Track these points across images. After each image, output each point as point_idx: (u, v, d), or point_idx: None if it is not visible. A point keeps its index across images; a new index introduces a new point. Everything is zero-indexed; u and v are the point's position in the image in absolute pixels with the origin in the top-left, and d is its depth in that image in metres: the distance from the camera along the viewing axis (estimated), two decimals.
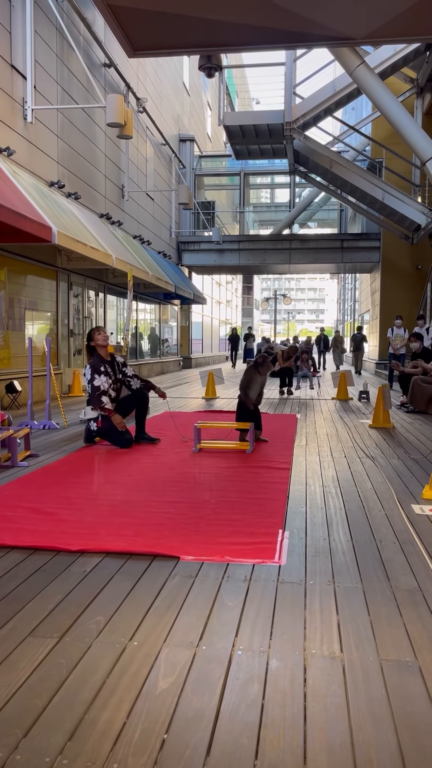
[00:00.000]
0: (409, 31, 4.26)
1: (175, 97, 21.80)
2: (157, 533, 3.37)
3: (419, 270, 20.02)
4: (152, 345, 19.76)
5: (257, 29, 4.25)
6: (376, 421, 7.81)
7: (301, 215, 23.41)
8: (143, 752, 1.60)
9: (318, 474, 5.01)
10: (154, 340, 20.04)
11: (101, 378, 5.93)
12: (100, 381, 5.91)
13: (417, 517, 3.80)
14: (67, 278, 12.42)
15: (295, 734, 1.68)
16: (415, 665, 2.03)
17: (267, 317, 69.32)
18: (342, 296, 41.17)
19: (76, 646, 2.15)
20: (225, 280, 34.95)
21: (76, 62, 12.15)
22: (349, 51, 12.23)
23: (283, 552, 3.11)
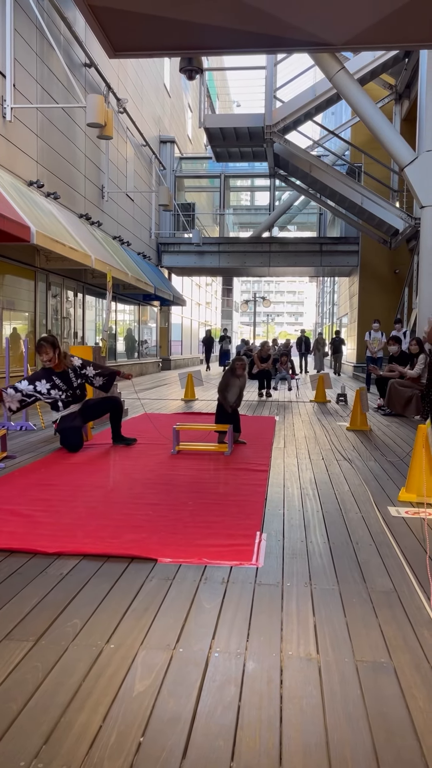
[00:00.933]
0: (388, 39, 4.31)
1: (156, 99, 21.78)
2: (135, 535, 3.36)
3: (397, 274, 20.23)
4: (131, 346, 19.69)
5: (238, 33, 4.27)
6: (354, 423, 7.87)
7: (281, 218, 23.52)
8: (119, 755, 1.60)
9: (296, 476, 5.03)
10: (133, 341, 19.97)
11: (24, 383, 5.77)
12: (22, 385, 5.75)
13: (393, 519, 3.83)
14: (46, 278, 12.33)
15: (271, 735, 1.69)
16: (390, 666, 2.05)
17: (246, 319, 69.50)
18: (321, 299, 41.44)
19: (52, 649, 2.14)
20: (205, 282, 34.96)
21: (57, 62, 12.09)
22: (329, 56, 12.34)
23: (260, 554, 3.13)
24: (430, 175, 12.10)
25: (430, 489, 4.27)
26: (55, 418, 6.00)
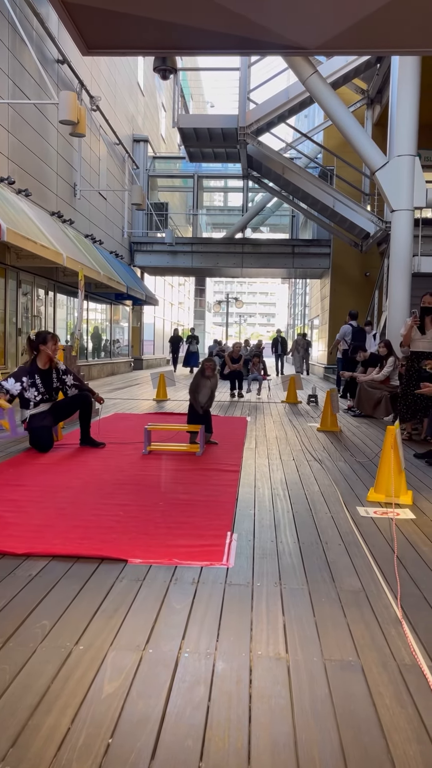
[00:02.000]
0: (360, 44, 4.36)
1: (130, 97, 21.68)
2: (105, 536, 3.34)
3: (368, 277, 20.46)
4: (103, 345, 19.57)
5: (212, 34, 4.28)
6: (324, 424, 7.94)
7: (254, 220, 23.63)
8: (87, 757, 1.59)
9: (267, 476, 5.06)
10: (104, 340, 19.85)
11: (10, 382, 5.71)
12: (8, 384, 5.69)
13: (362, 519, 3.88)
14: (16, 276, 12.18)
15: (240, 735, 1.69)
16: (357, 665, 2.08)
17: (219, 320, 69.60)
18: (293, 301, 41.69)
19: (20, 651, 2.12)
20: (177, 282, 34.93)
21: (29, 57, 11.95)
22: (303, 60, 12.43)
23: (231, 554, 3.14)
24: (400, 179, 12.28)
25: (397, 489, 4.33)
26: (25, 417, 5.90)
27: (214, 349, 21.92)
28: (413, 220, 12.56)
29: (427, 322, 6.94)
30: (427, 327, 6.94)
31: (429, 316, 6.95)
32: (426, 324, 6.94)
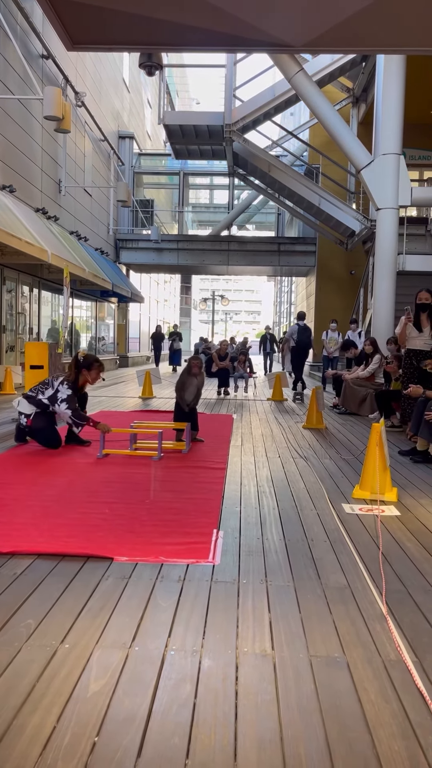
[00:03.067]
0: (345, 43, 4.37)
1: (115, 93, 21.58)
2: (90, 534, 3.33)
3: (353, 275, 20.55)
4: (88, 343, 19.48)
5: (198, 30, 4.27)
6: (310, 422, 7.97)
7: (240, 217, 23.62)
8: (73, 756, 1.58)
9: (253, 474, 5.07)
10: (86, 337, 19.76)
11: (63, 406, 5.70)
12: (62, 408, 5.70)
13: (347, 516, 3.90)
14: (1, 273, 12.09)
15: (226, 732, 1.70)
16: (343, 661, 2.09)
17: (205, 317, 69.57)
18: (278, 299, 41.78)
19: (5, 650, 2.11)
20: (163, 279, 34.85)
21: (13, 52, 11.85)
22: (289, 58, 12.44)
23: (217, 551, 3.14)
24: (385, 177, 12.33)
25: (383, 486, 4.35)
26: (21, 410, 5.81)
27: (200, 347, 21.90)
28: (398, 219, 12.63)
29: (423, 319, 6.95)
30: (423, 324, 6.94)
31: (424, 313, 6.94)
32: (422, 321, 6.94)
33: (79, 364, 5.89)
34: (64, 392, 5.74)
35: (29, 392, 5.88)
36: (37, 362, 7.47)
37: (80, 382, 5.93)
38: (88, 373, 5.92)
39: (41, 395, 5.79)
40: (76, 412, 5.71)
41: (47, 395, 5.76)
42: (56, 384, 5.80)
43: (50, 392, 5.76)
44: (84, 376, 5.91)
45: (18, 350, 13.23)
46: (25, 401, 5.85)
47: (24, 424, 5.83)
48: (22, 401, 5.86)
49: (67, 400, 5.70)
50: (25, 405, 5.84)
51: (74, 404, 5.73)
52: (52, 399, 5.73)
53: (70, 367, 5.90)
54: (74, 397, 5.77)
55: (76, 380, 5.88)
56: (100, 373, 6.00)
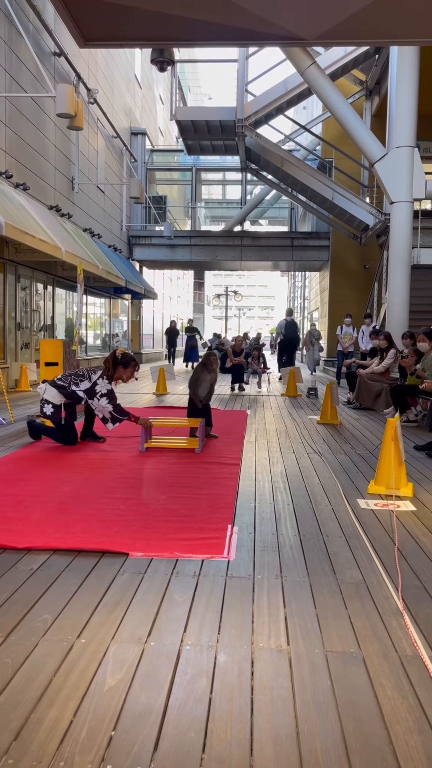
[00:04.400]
0: (359, 34, 4.34)
1: (127, 90, 21.58)
2: (106, 530, 3.35)
3: (367, 269, 20.43)
4: (102, 339, 19.55)
5: (210, 25, 4.25)
6: (324, 417, 7.94)
7: (253, 212, 23.55)
8: (90, 750, 1.59)
9: (267, 469, 5.06)
10: (104, 334, 19.82)
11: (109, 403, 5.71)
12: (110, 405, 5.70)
13: (362, 511, 3.88)
14: (15, 271, 12.16)
15: (242, 727, 1.70)
16: (359, 656, 2.09)
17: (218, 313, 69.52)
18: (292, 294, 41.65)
19: (22, 645, 2.12)
20: (176, 275, 34.86)
21: (25, 50, 11.89)
22: (301, 51, 12.36)
23: (231, 547, 3.14)
24: (399, 171, 12.24)
25: (398, 481, 4.33)
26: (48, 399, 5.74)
27: (214, 343, 21.86)
28: (412, 212, 12.52)
29: None
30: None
31: None
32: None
33: (116, 361, 5.88)
34: (104, 387, 5.71)
35: (58, 381, 5.77)
36: (52, 359, 7.51)
37: (114, 378, 5.93)
38: (124, 371, 5.90)
39: (75, 387, 5.72)
40: (118, 407, 5.72)
41: (83, 387, 5.71)
42: (94, 378, 5.73)
43: (86, 384, 5.71)
44: (119, 373, 5.91)
45: (33, 347, 13.31)
46: (54, 390, 5.73)
47: (50, 412, 5.74)
48: (50, 389, 5.75)
49: (108, 395, 5.70)
50: (54, 393, 5.72)
51: (116, 399, 5.74)
52: (90, 392, 5.70)
53: (107, 362, 5.88)
54: (114, 392, 5.78)
55: (112, 378, 5.88)
56: (134, 372, 6.00)
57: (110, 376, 5.81)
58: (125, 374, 5.92)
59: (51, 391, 5.74)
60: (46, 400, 5.76)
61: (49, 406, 5.73)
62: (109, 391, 5.70)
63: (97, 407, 5.71)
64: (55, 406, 5.73)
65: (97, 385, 5.69)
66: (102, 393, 5.67)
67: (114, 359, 5.86)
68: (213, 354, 6.38)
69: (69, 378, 5.77)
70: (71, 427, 5.81)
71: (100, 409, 5.70)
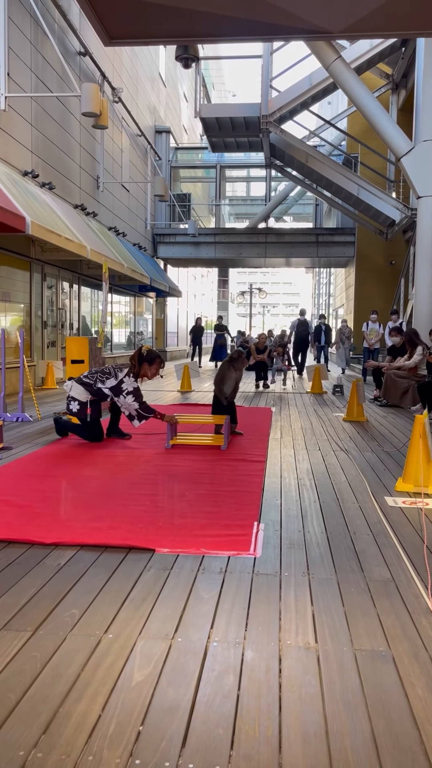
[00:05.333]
0: (386, 27, 4.28)
1: (151, 88, 21.63)
2: (132, 526, 3.36)
3: (393, 265, 20.22)
4: (127, 337, 19.65)
5: (235, 20, 4.23)
6: (350, 414, 7.87)
7: (277, 209, 23.46)
8: (118, 744, 1.60)
9: (293, 467, 5.04)
10: (129, 332, 19.92)
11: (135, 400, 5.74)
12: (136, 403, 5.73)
13: (390, 509, 3.84)
14: (41, 269, 12.27)
15: (270, 724, 1.69)
16: (388, 655, 2.06)
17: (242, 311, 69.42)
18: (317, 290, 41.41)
19: (51, 639, 2.14)
20: (200, 273, 34.89)
21: (51, 50, 11.98)
22: (326, 45, 12.27)
23: (258, 544, 3.13)
24: (426, 165, 12.08)
25: (427, 479, 4.27)
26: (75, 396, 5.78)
27: (238, 340, 21.83)
28: None
29: None
30: None
31: None
32: None
33: (141, 358, 5.89)
34: (130, 384, 5.72)
35: (84, 378, 5.81)
36: (78, 357, 7.56)
37: (140, 375, 5.94)
38: (149, 368, 5.90)
39: (101, 384, 5.75)
40: (144, 404, 5.73)
41: (109, 385, 5.74)
42: (120, 375, 5.75)
43: (113, 382, 5.73)
44: (144, 369, 5.91)
45: (59, 345, 13.43)
46: (80, 387, 5.77)
47: (77, 410, 5.79)
48: (76, 386, 5.79)
49: (134, 393, 5.72)
50: (81, 391, 5.76)
51: (142, 397, 5.76)
52: (116, 390, 5.73)
53: (133, 359, 5.90)
54: (140, 390, 5.80)
55: (138, 375, 5.90)
56: (159, 369, 6.00)
57: (136, 373, 5.82)
58: (150, 371, 5.92)
59: (77, 388, 5.78)
60: (72, 398, 5.79)
61: (75, 403, 5.77)
62: (135, 389, 5.72)
63: (123, 405, 5.73)
64: (81, 403, 5.76)
65: (124, 383, 5.71)
66: (128, 391, 5.69)
67: (140, 356, 5.87)
68: (242, 352, 6.36)
69: (95, 375, 5.80)
70: (97, 423, 5.85)
71: (126, 407, 5.72)
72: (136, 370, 5.84)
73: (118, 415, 6.15)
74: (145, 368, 5.88)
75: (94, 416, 5.82)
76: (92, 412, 5.80)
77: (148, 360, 5.88)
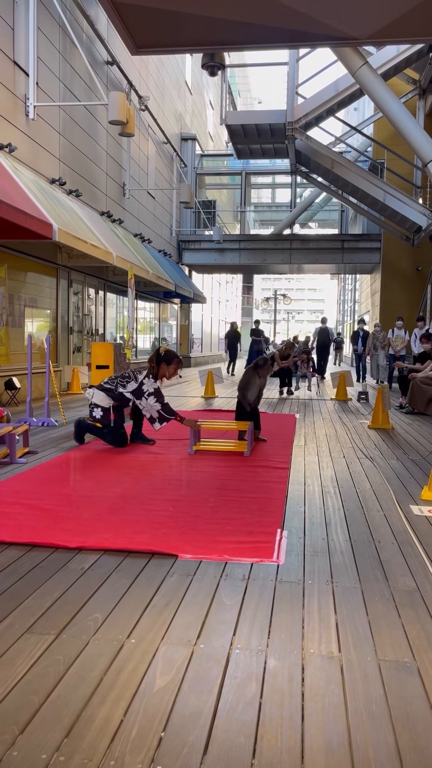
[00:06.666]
0: (413, 32, 4.26)
1: (178, 96, 21.78)
2: (155, 531, 3.36)
3: (419, 272, 20.02)
4: (151, 343, 19.74)
5: (261, 28, 4.25)
6: (375, 421, 7.80)
7: (302, 215, 23.40)
8: (140, 750, 1.60)
9: (317, 474, 5.00)
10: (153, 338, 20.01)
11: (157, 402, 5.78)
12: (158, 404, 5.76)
13: (416, 518, 3.79)
14: (68, 276, 12.40)
15: (292, 733, 1.67)
16: (413, 666, 2.03)
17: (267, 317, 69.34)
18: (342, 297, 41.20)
19: (74, 643, 2.15)
20: (225, 279, 34.94)
21: (79, 59, 12.14)
22: (352, 51, 12.23)
23: (281, 551, 3.11)
24: None
25: None
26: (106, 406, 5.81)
27: (265, 346, 21.73)
28: None
29: None
30: None
31: None
32: None
33: (159, 358, 5.92)
34: (151, 386, 5.76)
35: (105, 384, 5.86)
36: (103, 362, 7.62)
37: (159, 376, 5.96)
38: (167, 368, 5.94)
39: (122, 388, 5.78)
40: (166, 405, 5.76)
41: (130, 389, 5.77)
42: (140, 378, 5.79)
43: (133, 385, 5.77)
44: (163, 370, 5.94)
45: (84, 351, 13.54)
46: (102, 393, 5.81)
47: (100, 416, 5.82)
48: (98, 393, 5.83)
49: (155, 394, 5.74)
50: (102, 397, 5.80)
51: (163, 398, 5.78)
52: (137, 393, 5.76)
53: (151, 360, 5.92)
54: (161, 391, 5.82)
55: (156, 376, 5.92)
56: (177, 369, 6.03)
57: (155, 374, 5.86)
58: (169, 371, 5.95)
59: (99, 395, 5.82)
60: (95, 404, 5.84)
61: (98, 410, 5.81)
62: (156, 389, 5.75)
63: (145, 407, 5.75)
64: (104, 409, 5.80)
65: (144, 385, 5.74)
66: (149, 392, 5.72)
67: (158, 356, 5.90)
68: (267, 359, 6.35)
69: (116, 380, 5.84)
70: (121, 428, 5.88)
71: (148, 409, 5.74)
72: (155, 371, 5.87)
73: (141, 420, 6.18)
74: (163, 368, 5.92)
75: (118, 421, 5.85)
76: (115, 417, 5.83)
77: (166, 360, 5.91)
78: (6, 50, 9.19)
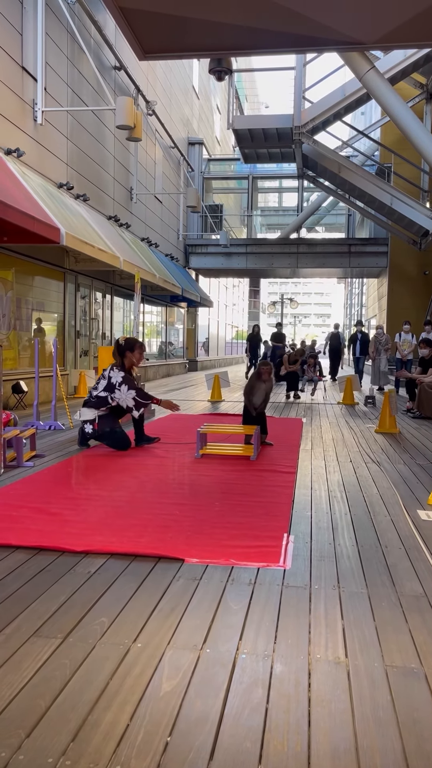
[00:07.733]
0: (420, 36, 4.26)
1: (185, 101, 21.85)
2: (161, 535, 3.36)
3: (426, 276, 19.98)
4: (158, 347, 19.77)
5: (268, 33, 4.26)
6: (382, 426, 7.78)
7: (309, 219, 23.41)
8: (146, 754, 1.59)
9: (323, 478, 4.99)
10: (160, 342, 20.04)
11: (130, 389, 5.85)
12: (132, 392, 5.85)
13: (423, 522, 3.78)
14: (75, 280, 12.44)
15: (299, 739, 1.67)
16: (420, 672, 2.02)
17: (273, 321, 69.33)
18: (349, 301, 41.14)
19: (80, 646, 2.15)
20: (232, 283, 34.96)
21: (87, 65, 12.20)
22: (359, 56, 12.24)
23: (288, 556, 3.10)
24: None
25: None
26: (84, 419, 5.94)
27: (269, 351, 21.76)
28: None
29: None
30: None
31: None
32: None
33: (121, 348, 6.00)
34: (118, 376, 5.84)
35: (86, 399, 6.01)
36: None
37: (127, 365, 6.03)
38: (132, 355, 6.02)
39: (95, 391, 5.90)
40: (140, 391, 5.82)
41: (101, 387, 5.86)
42: (106, 373, 5.90)
43: (103, 383, 5.87)
44: (129, 358, 6.02)
45: (91, 355, 13.57)
46: (85, 409, 5.94)
47: (91, 431, 5.91)
48: (83, 410, 5.96)
49: (125, 382, 5.81)
50: (87, 411, 5.92)
51: (134, 383, 5.83)
52: (109, 387, 5.83)
53: (114, 355, 6.02)
54: (130, 377, 5.86)
55: (123, 364, 5.99)
56: (143, 353, 6.11)
57: (120, 364, 5.95)
58: (135, 357, 6.04)
59: (85, 411, 5.94)
60: (83, 422, 5.97)
61: (88, 425, 5.94)
62: (124, 377, 5.83)
63: (120, 398, 5.83)
64: (91, 422, 5.92)
65: (112, 378, 5.84)
66: (119, 382, 5.81)
67: (119, 347, 5.98)
68: (267, 363, 6.36)
69: (90, 392, 5.99)
70: (115, 431, 5.89)
71: (124, 399, 5.82)
72: (119, 361, 5.93)
73: (142, 421, 6.20)
74: (129, 357, 6.01)
75: (105, 427, 5.89)
76: (101, 424, 5.88)
77: (128, 348, 5.99)
78: (14, 55, 9.25)
